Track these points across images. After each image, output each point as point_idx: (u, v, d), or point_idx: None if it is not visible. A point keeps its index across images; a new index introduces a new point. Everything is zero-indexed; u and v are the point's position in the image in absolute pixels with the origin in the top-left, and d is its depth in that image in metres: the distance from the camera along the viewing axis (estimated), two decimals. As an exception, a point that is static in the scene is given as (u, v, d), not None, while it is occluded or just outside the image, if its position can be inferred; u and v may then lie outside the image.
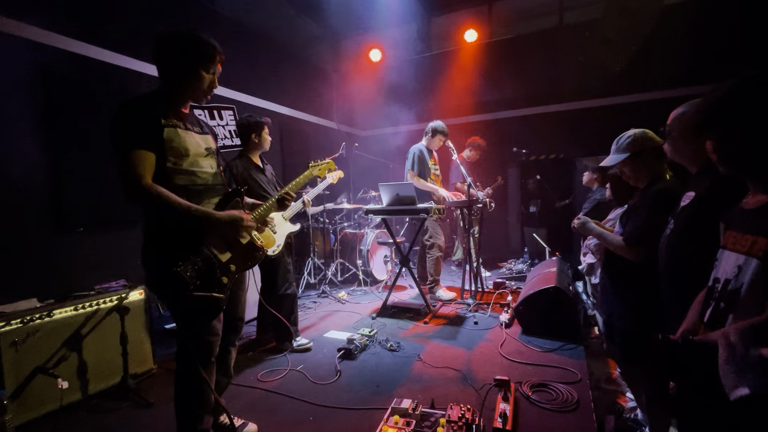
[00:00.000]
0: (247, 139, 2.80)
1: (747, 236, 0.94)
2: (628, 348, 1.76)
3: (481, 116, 7.04)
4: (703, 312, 1.06)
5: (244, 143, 2.83)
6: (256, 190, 2.69)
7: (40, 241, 2.89)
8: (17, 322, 2.00)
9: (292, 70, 6.00)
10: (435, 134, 4.11)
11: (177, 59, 1.51)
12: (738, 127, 0.96)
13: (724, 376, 0.83)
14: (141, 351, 2.53)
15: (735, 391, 0.81)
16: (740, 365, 0.81)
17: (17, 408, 1.94)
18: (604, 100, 6.13)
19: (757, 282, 0.87)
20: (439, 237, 4.08)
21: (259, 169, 2.83)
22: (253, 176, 2.75)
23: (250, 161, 2.81)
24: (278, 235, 2.69)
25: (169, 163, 1.47)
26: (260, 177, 2.79)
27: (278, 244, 2.68)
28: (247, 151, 2.83)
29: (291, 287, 2.93)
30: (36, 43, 2.93)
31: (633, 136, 1.72)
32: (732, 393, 0.81)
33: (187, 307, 1.46)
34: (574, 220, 2.06)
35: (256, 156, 2.86)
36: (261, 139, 2.80)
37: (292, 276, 2.96)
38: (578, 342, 2.84)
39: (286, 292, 2.88)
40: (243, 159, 2.80)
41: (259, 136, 2.79)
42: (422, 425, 1.81)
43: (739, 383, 0.80)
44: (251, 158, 2.83)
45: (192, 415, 1.59)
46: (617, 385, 2.45)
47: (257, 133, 2.79)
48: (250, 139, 2.79)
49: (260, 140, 2.80)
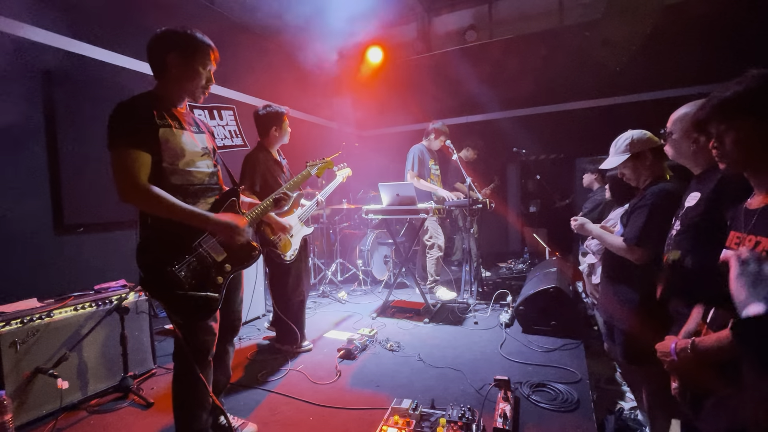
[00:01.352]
0: (267, 132, 2.68)
1: (750, 237, 0.93)
2: (628, 348, 1.76)
3: (481, 116, 7.03)
4: (706, 313, 1.05)
5: (264, 136, 2.70)
6: (273, 186, 2.56)
7: (40, 241, 2.89)
8: (17, 322, 2.00)
9: (292, 70, 6.00)
10: (435, 134, 4.11)
11: (171, 58, 1.50)
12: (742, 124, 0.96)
13: (737, 291, 0.76)
14: (141, 351, 2.53)
15: (747, 308, 0.72)
16: (754, 278, 0.73)
17: (17, 408, 1.94)
18: (604, 100, 6.12)
19: None
20: (439, 237, 4.08)
21: (278, 164, 2.71)
22: (272, 171, 2.64)
23: (269, 155, 2.70)
24: (294, 239, 2.66)
25: (165, 163, 1.46)
26: (278, 173, 2.67)
27: (294, 248, 2.65)
28: (267, 145, 2.71)
29: (301, 294, 2.85)
30: (36, 43, 2.93)
31: (631, 138, 1.72)
32: (744, 310, 0.72)
33: (182, 306, 1.46)
34: (571, 220, 2.06)
35: (275, 149, 2.75)
36: (282, 131, 2.69)
37: (304, 282, 2.87)
38: (578, 342, 2.84)
39: (297, 298, 2.81)
40: (263, 152, 2.68)
41: (279, 129, 2.67)
42: (422, 425, 1.81)
43: (753, 298, 0.72)
44: (270, 152, 2.71)
45: (190, 415, 1.59)
46: (617, 385, 2.45)
47: (278, 125, 2.67)
48: (270, 132, 2.67)
49: (281, 132, 2.69)
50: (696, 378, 1.06)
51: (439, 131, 4.11)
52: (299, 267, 2.81)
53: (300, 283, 2.83)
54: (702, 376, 1.02)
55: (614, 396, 2.24)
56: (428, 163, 4.10)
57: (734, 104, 0.96)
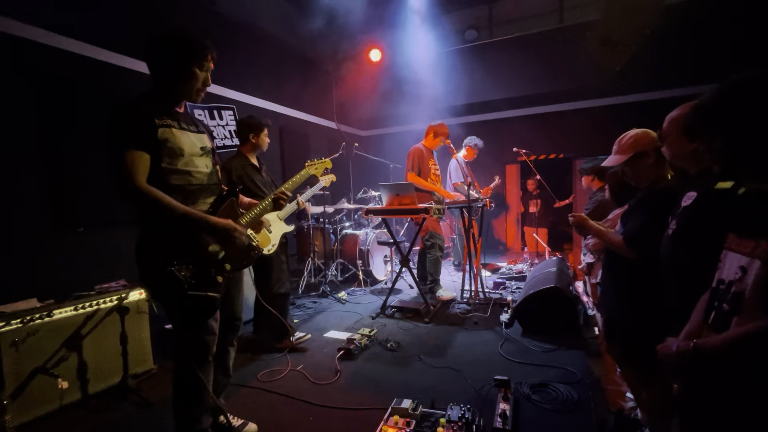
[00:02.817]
0: (246, 139, 2.83)
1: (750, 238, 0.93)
2: (628, 348, 1.76)
3: (481, 116, 7.04)
4: (707, 314, 1.05)
5: (242, 142, 2.85)
6: (252, 189, 2.70)
7: (40, 241, 2.88)
8: (17, 322, 2.00)
9: (292, 70, 6.00)
10: (435, 134, 4.11)
11: (170, 59, 1.50)
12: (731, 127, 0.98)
13: None
14: (141, 351, 2.53)
15: None
16: None
17: (17, 408, 1.94)
18: (604, 100, 6.13)
19: (761, 284, 0.87)
20: (439, 237, 4.08)
21: (255, 168, 2.84)
22: (249, 176, 2.76)
23: (247, 161, 2.82)
24: (273, 234, 2.68)
25: (164, 163, 1.46)
26: (257, 177, 2.80)
27: (273, 243, 2.68)
28: (244, 151, 2.85)
29: (284, 286, 2.94)
30: (35, 43, 2.93)
31: (635, 137, 1.72)
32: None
33: (182, 306, 1.46)
34: (569, 216, 2.05)
35: (253, 156, 2.88)
36: (259, 140, 2.83)
37: (286, 276, 2.97)
38: (578, 342, 2.84)
39: (279, 291, 2.90)
40: (240, 158, 2.81)
41: (257, 137, 2.82)
42: (422, 425, 1.82)
43: None
44: (248, 157, 2.84)
45: (190, 415, 1.59)
46: (617, 385, 2.45)
47: (255, 134, 2.81)
48: (248, 138, 2.81)
49: (258, 141, 2.83)
50: (696, 379, 1.06)
51: (439, 131, 4.11)
52: (280, 261, 2.90)
53: (282, 276, 2.92)
54: (703, 377, 1.02)
55: (614, 396, 2.23)
56: (428, 163, 4.10)
57: (711, 111, 1.01)
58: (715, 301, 1.02)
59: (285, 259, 3.00)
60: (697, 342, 1.01)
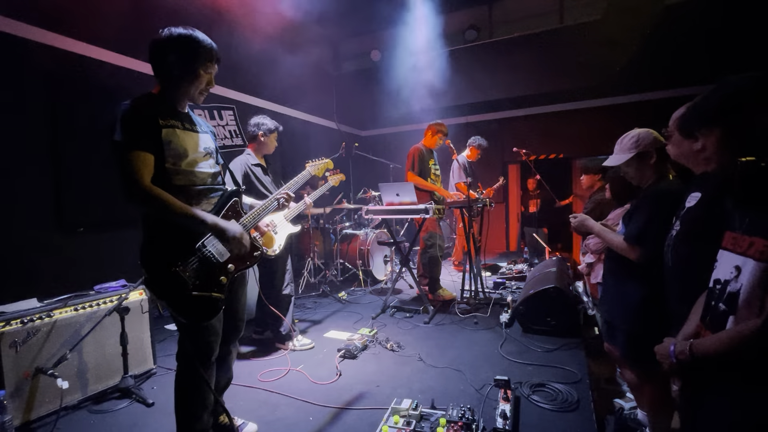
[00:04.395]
0: (254, 139, 2.84)
1: (745, 237, 0.93)
2: (628, 348, 1.76)
3: (482, 116, 7.04)
4: (704, 314, 1.05)
5: (250, 140, 2.87)
6: (259, 189, 2.71)
7: (40, 241, 2.88)
8: (17, 322, 2.00)
9: (292, 70, 6.00)
10: (435, 134, 4.11)
11: (175, 60, 1.50)
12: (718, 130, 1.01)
13: None
14: (141, 351, 2.53)
15: None
16: None
17: (17, 408, 1.94)
18: (604, 100, 6.13)
19: (755, 283, 0.87)
20: (438, 237, 4.08)
21: (263, 168, 2.85)
22: (256, 175, 2.77)
23: (254, 159, 2.83)
24: (279, 235, 2.69)
25: (168, 164, 1.46)
26: (263, 176, 2.82)
27: (279, 244, 2.68)
28: (251, 148, 2.87)
29: (288, 288, 2.94)
30: (37, 44, 2.93)
31: (637, 136, 1.71)
32: None
33: (186, 307, 1.46)
34: (570, 217, 2.05)
35: (260, 156, 2.89)
36: (268, 140, 2.85)
37: (289, 277, 2.97)
38: (578, 342, 2.84)
39: (283, 292, 2.89)
40: (247, 156, 2.82)
41: (267, 137, 2.84)
42: (422, 425, 1.82)
43: None
44: (255, 156, 2.85)
45: (191, 415, 1.59)
46: (617, 385, 2.45)
47: (266, 133, 2.83)
48: (257, 138, 2.83)
49: (266, 141, 2.85)
50: (695, 380, 1.06)
51: (439, 130, 4.10)
52: (284, 262, 2.89)
53: (286, 277, 2.93)
54: (701, 377, 1.02)
55: (614, 396, 2.23)
56: (428, 163, 4.09)
57: (708, 112, 1.03)
58: (711, 300, 1.02)
59: (289, 261, 2.99)
60: (694, 342, 1.01)
